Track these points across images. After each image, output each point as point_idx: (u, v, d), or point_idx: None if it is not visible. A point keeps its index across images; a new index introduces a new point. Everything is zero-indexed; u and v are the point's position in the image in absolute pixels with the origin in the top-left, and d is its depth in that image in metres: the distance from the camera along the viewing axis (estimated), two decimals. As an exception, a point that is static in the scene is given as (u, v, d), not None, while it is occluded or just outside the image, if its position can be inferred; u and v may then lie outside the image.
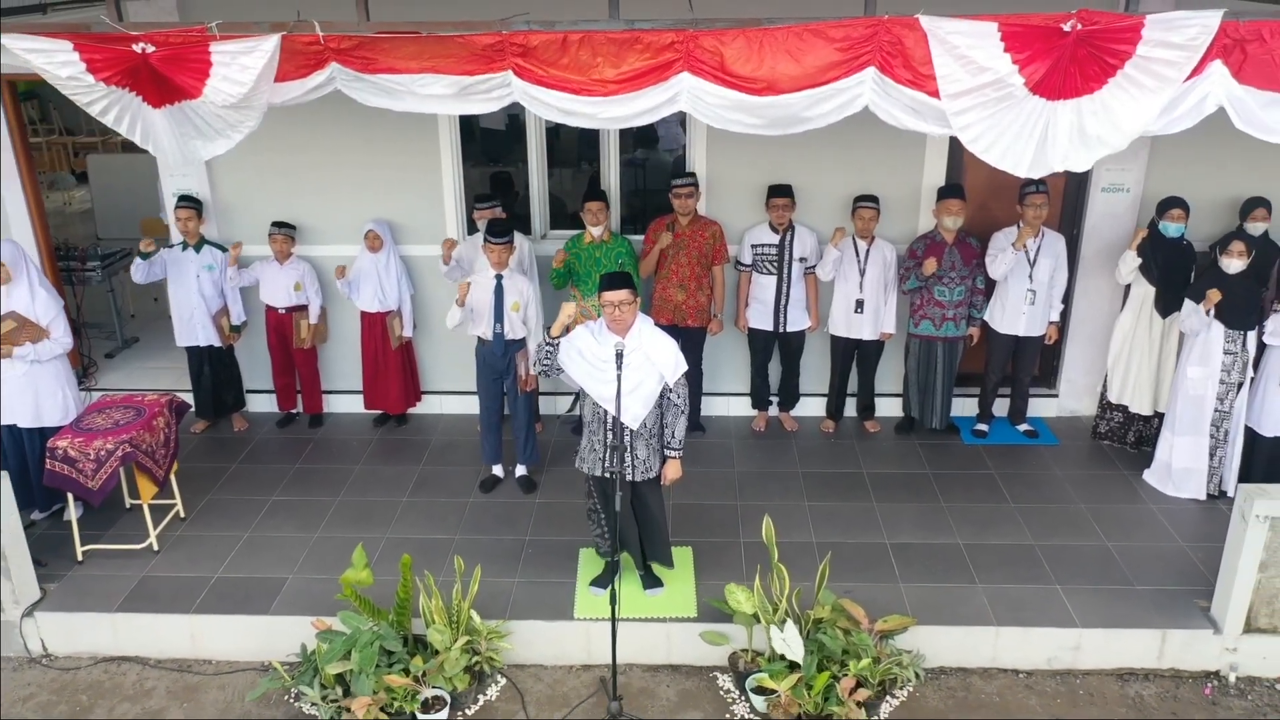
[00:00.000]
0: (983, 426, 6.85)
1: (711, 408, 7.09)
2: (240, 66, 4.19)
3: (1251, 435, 5.90)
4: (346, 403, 7.17)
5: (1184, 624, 4.99)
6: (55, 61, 4.20)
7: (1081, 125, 4.03)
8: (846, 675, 4.59)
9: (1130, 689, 4.92)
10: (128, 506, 5.97)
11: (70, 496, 5.44)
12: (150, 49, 4.17)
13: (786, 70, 4.10)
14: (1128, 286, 6.30)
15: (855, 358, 6.78)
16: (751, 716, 4.74)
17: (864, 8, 4.14)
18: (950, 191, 6.26)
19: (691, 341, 6.54)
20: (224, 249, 6.61)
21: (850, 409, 7.05)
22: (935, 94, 4.04)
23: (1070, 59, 3.96)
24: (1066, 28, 3.92)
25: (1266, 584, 4.84)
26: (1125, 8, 4.12)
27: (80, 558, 5.50)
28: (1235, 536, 4.83)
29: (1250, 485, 4.86)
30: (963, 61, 3.95)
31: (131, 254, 7.93)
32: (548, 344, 4.78)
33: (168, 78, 4.25)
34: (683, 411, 4.83)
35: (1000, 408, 6.97)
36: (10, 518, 5.06)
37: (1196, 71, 3.99)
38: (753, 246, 6.51)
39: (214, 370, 6.80)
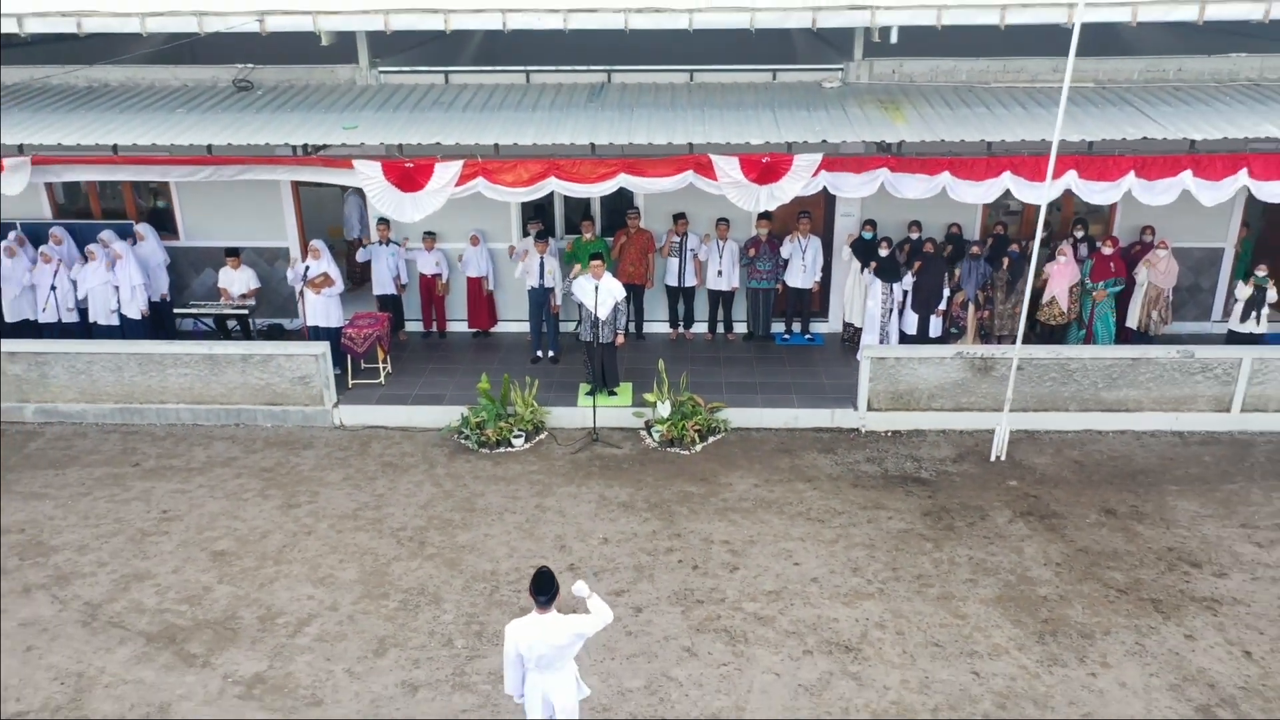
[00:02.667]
0: (786, 335, 13.31)
1: (648, 328, 13.54)
2: (443, 175, 10.62)
3: (902, 334, 12.33)
4: (458, 326, 13.61)
5: (845, 407, 11.42)
6: (368, 172, 10.63)
7: (772, 193, 10.49)
8: (693, 419, 11.03)
9: (819, 435, 11.34)
10: (362, 368, 12.39)
11: (348, 358, 11.90)
12: (410, 165, 10.61)
13: (661, 171, 10.54)
14: (850, 261, 12.71)
15: (720, 300, 13.21)
16: (651, 443, 11.16)
17: (690, 150, 10.55)
18: (764, 215, 12.65)
19: (637, 292, 13.01)
20: (399, 243, 13.03)
21: (720, 328, 13.49)
22: (716, 180, 10.49)
23: (766, 170, 10.40)
24: (764, 160, 10.36)
25: (873, 388, 11.26)
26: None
27: (350, 385, 11.97)
28: (860, 367, 11.25)
29: (870, 344, 11.35)
30: (724, 172, 10.40)
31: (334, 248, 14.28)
32: (566, 282, 11.30)
33: (414, 178, 10.69)
34: (623, 314, 11.29)
35: (797, 328, 13.41)
36: (329, 365, 11.50)
37: (815, 173, 10.44)
38: (668, 242, 12.93)
39: (392, 308, 13.24)
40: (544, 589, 6.01)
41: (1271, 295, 11.69)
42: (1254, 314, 11.81)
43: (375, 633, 8.18)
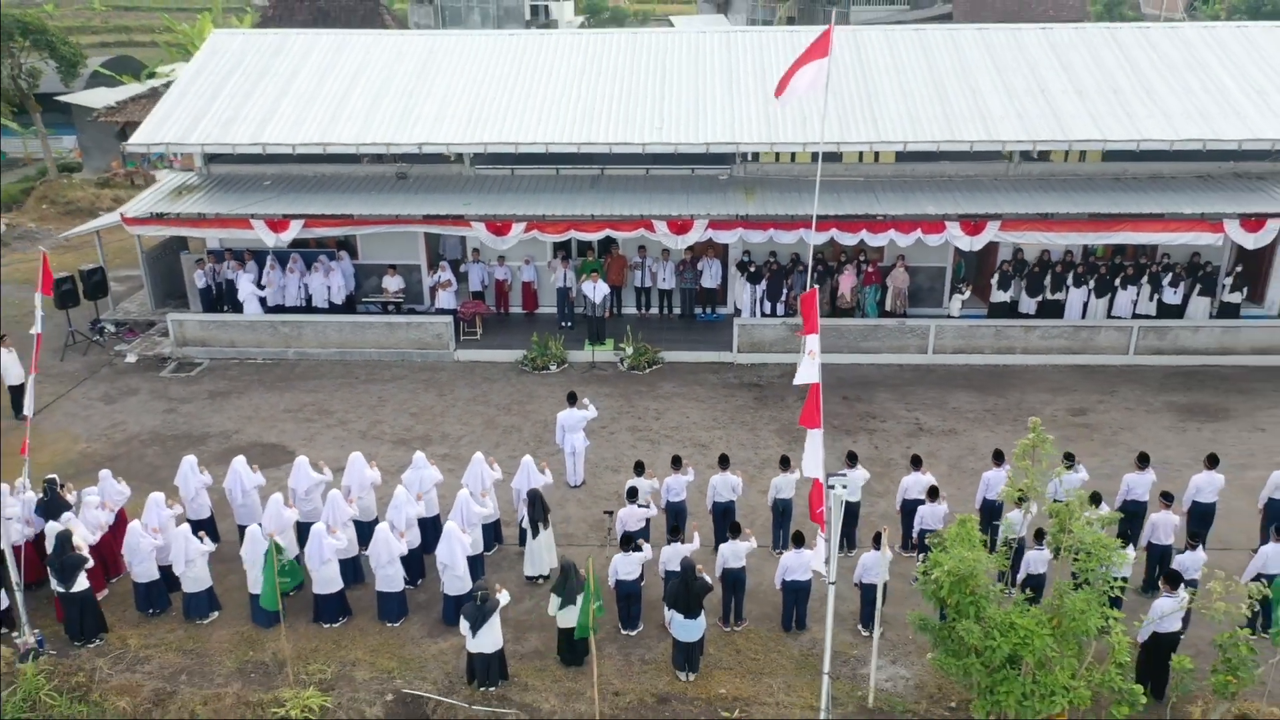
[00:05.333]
0: (702, 315, 23.47)
1: (624, 310, 23.68)
2: (516, 229, 20.77)
3: (763, 314, 22.44)
4: (516, 309, 23.77)
5: (725, 351, 21.54)
6: (478, 227, 20.79)
7: (685, 238, 20.63)
8: (644, 356, 21.17)
9: (712, 365, 21.45)
10: (466, 331, 22.50)
11: (460, 324, 22.09)
12: (500, 224, 20.75)
13: (627, 228, 20.68)
14: (736, 273, 22.80)
15: (665, 295, 23.35)
16: (623, 369, 21.30)
17: (641, 218, 20.64)
18: (690, 248, 22.72)
19: (617, 290, 23.19)
20: (484, 262, 23.17)
21: (664, 310, 23.63)
22: (655, 233, 20.63)
23: (681, 228, 20.54)
24: (679, 223, 20.49)
25: (740, 340, 21.35)
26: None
27: (461, 339, 22.16)
28: (734, 329, 21.35)
29: (742, 319, 21.55)
30: (659, 229, 20.53)
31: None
32: (577, 284, 21.54)
33: (501, 230, 20.84)
34: (609, 302, 21.47)
35: (709, 310, 23.53)
36: (451, 329, 21.65)
37: (706, 229, 20.58)
38: (635, 262, 23.08)
39: (481, 298, 23.38)
40: (572, 398, 16.20)
41: (959, 298, 21.84)
42: (960, 305, 21.97)
43: (494, 439, 18.37)
